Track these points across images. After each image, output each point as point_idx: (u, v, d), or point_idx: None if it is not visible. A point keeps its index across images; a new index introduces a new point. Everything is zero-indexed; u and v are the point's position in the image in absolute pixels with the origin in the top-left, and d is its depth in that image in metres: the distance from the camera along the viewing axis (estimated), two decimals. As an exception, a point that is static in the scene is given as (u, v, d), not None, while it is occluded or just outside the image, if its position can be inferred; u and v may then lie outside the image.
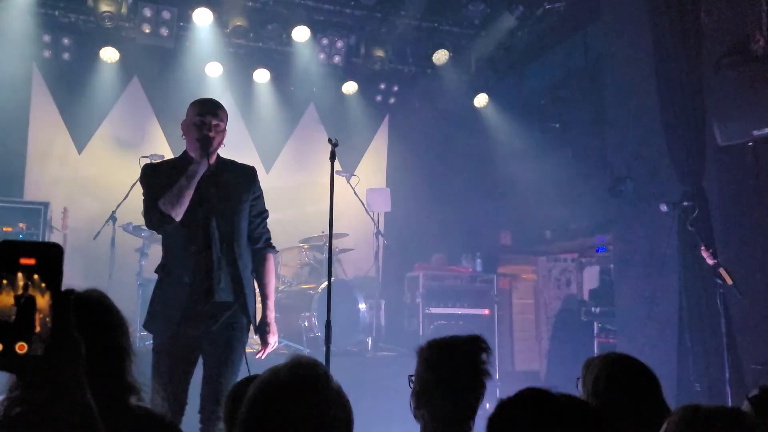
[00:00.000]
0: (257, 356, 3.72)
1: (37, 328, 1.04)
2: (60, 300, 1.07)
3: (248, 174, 3.77)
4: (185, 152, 3.69)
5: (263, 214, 3.79)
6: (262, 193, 3.79)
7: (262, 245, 3.75)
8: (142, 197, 3.61)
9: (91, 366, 1.20)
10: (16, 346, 1.03)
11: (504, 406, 1.57)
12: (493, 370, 2.20)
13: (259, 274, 3.73)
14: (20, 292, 1.04)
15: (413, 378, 2.23)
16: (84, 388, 1.15)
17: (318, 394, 1.57)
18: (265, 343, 3.71)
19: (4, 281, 1.04)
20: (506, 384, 7.48)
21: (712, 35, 6.43)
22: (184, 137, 3.66)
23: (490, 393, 2.20)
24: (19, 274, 1.04)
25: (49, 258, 1.06)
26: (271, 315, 3.71)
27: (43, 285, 1.05)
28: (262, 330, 3.70)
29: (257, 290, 3.76)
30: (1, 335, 1.02)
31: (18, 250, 1.05)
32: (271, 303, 3.72)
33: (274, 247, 3.82)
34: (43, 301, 1.05)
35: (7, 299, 1.03)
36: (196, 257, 3.46)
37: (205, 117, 3.53)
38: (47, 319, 1.05)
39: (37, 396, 1.11)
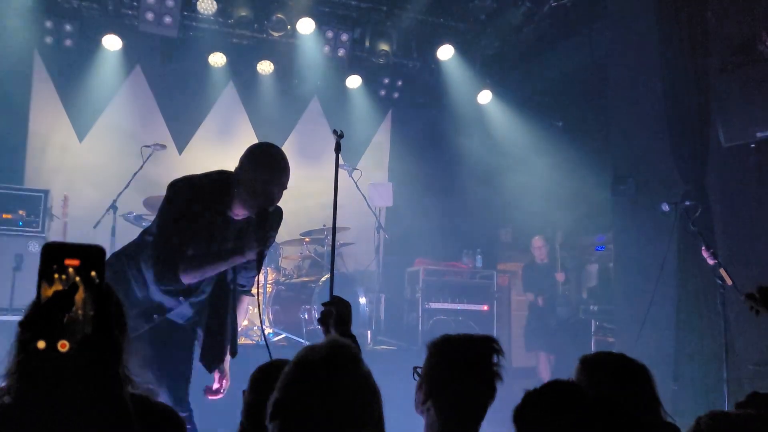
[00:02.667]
0: (210, 397, 3.43)
1: (79, 327, 1.07)
2: (102, 299, 1.10)
3: (277, 220, 3.45)
4: (232, 198, 3.20)
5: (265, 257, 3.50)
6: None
7: (247, 288, 3.51)
8: (160, 224, 3.19)
9: None
10: (59, 344, 1.05)
11: (531, 398, 1.58)
12: (504, 372, 2.18)
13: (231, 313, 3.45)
14: (60, 287, 1.08)
15: (419, 370, 2.21)
16: (122, 385, 1.16)
17: (351, 377, 1.64)
18: (218, 388, 3.42)
19: (46, 271, 1.07)
20: (503, 380, 7.48)
21: (718, 35, 6.41)
22: (239, 187, 3.19)
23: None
24: (63, 275, 1.08)
25: (92, 258, 1.10)
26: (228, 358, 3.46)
27: (85, 284, 1.09)
28: (221, 372, 3.43)
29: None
30: (44, 333, 1.05)
31: (63, 251, 1.09)
32: (227, 345, 3.45)
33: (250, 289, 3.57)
34: (85, 300, 1.08)
35: (48, 291, 1.07)
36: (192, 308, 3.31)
37: (277, 191, 3.18)
38: (89, 318, 1.08)
39: (76, 393, 1.12)
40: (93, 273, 1.09)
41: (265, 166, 3.15)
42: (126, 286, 3.21)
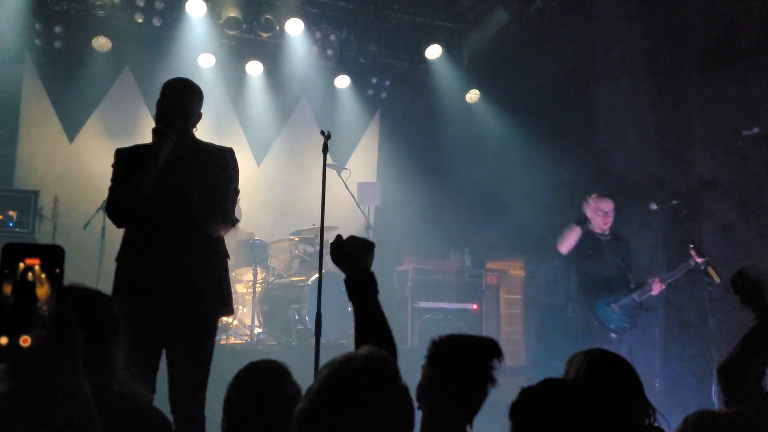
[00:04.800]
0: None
1: (40, 322, 1.10)
2: (61, 296, 1.13)
3: (225, 157, 3.58)
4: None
5: (235, 195, 3.60)
6: (238, 175, 3.61)
7: (228, 220, 3.56)
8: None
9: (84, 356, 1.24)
10: (21, 340, 1.08)
11: (527, 394, 1.60)
12: (500, 377, 2.18)
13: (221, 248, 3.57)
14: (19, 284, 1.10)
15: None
16: (82, 379, 1.19)
17: (389, 391, 1.57)
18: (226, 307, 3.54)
19: (6, 270, 1.10)
20: (498, 383, 7.51)
21: (702, 34, 6.48)
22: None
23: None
24: (21, 265, 1.10)
25: (52, 258, 1.13)
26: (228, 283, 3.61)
27: (45, 282, 1.11)
28: (224, 300, 3.55)
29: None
30: (6, 328, 1.08)
31: (23, 251, 1.12)
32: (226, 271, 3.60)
33: (237, 221, 3.65)
34: (45, 298, 1.11)
35: (8, 288, 1.09)
36: (164, 244, 3.32)
37: (166, 100, 3.42)
38: (49, 314, 1.11)
39: (37, 386, 1.15)
40: (57, 270, 1.12)
41: (161, 91, 3.51)
42: (138, 261, 3.38)
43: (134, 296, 3.28)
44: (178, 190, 3.37)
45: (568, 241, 6.02)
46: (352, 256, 2.12)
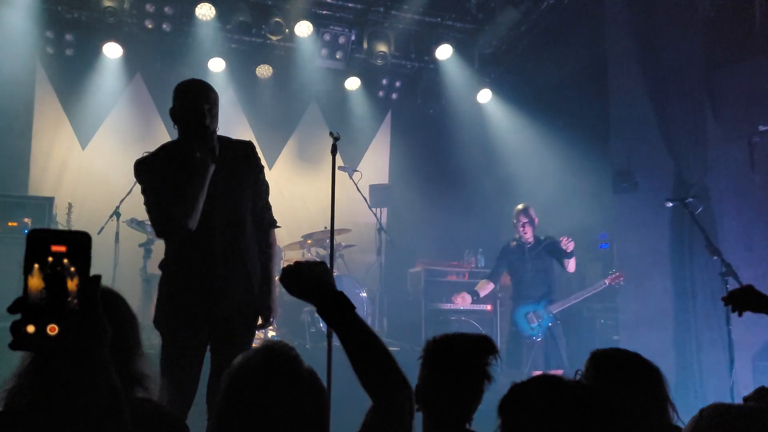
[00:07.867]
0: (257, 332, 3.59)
1: (67, 311, 1.09)
2: (89, 284, 1.13)
3: (247, 151, 3.54)
4: (179, 139, 3.45)
5: (266, 191, 3.60)
6: (263, 168, 3.59)
7: (265, 225, 3.59)
8: (144, 200, 3.39)
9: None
10: (48, 328, 1.07)
11: (517, 389, 1.58)
12: (496, 373, 2.16)
13: (263, 254, 3.57)
14: (49, 272, 1.09)
15: None
16: (110, 369, 1.18)
17: (292, 379, 1.57)
18: (266, 322, 3.55)
19: (36, 265, 1.09)
20: (494, 380, 7.48)
21: (717, 29, 6.42)
22: (176, 126, 3.43)
23: (491, 388, 2.18)
24: (50, 259, 1.09)
25: (79, 245, 1.12)
26: (274, 296, 3.60)
27: (72, 270, 1.10)
28: (265, 312, 3.55)
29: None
30: (33, 317, 1.07)
31: (49, 238, 1.11)
32: (274, 284, 3.60)
33: (275, 222, 3.66)
34: (72, 285, 1.10)
35: (39, 283, 1.09)
36: (204, 251, 3.31)
37: (197, 103, 3.27)
38: (76, 302, 1.10)
39: (65, 376, 1.14)
40: (84, 257, 1.12)
41: (179, 90, 3.37)
42: (182, 272, 3.35)
43: (179, 306, 3.30)
44: (216, 194, 3.34)
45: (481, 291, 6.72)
46: (316, 281, 1.87)
